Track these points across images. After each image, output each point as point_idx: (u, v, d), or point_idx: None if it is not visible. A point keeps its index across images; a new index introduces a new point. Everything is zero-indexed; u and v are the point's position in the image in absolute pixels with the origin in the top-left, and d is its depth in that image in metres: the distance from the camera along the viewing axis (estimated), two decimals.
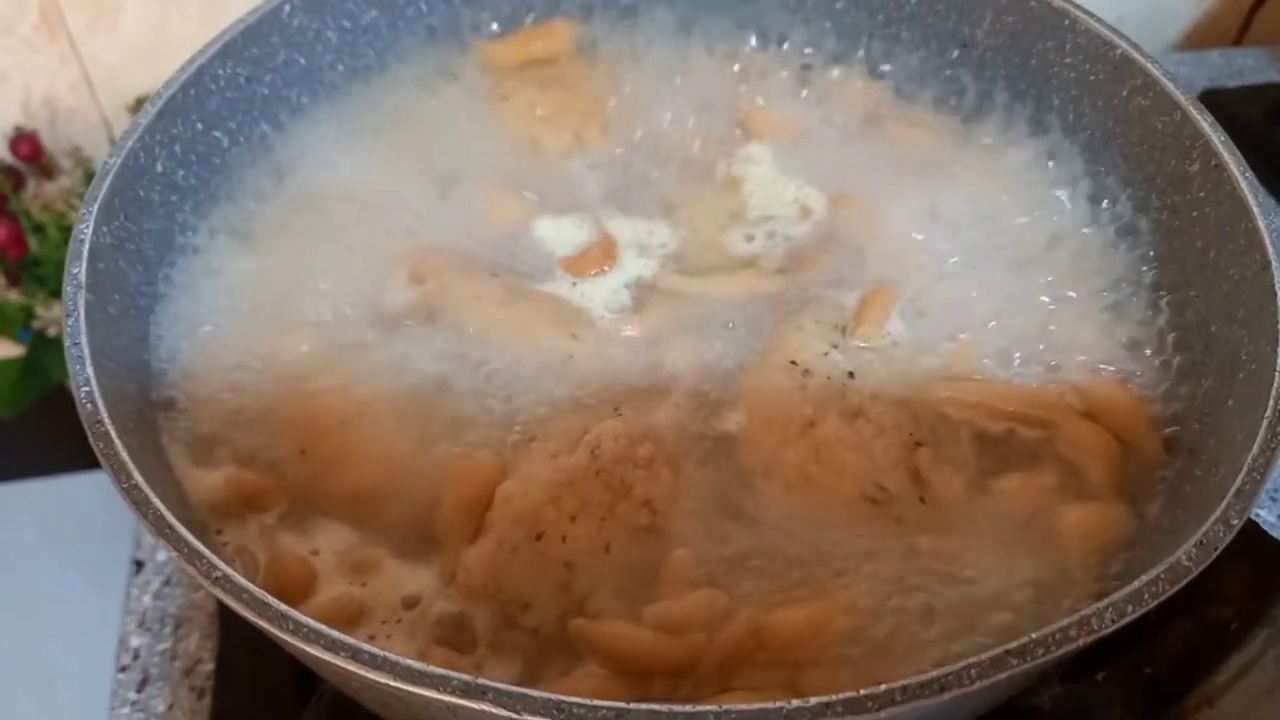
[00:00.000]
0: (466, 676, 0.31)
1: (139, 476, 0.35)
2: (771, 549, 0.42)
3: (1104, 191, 0.53)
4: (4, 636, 1.00)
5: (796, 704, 0.30)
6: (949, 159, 0.56)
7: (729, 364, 0.49)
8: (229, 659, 0.53)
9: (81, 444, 0.37)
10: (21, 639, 1.00)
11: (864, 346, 0.49)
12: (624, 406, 0.47)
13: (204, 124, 0.51)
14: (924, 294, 0.51)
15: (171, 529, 0.34)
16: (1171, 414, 0.46)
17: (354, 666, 0.31)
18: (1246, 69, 0.89)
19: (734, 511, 0.44)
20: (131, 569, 0.58)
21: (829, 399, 0.46)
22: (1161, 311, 0.49)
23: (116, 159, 0.46)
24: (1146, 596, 0.33)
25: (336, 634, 0.32)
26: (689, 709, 0.30)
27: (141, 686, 0.54)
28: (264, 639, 0.34)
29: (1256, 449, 0.37)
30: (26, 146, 0.83)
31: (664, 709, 0.30)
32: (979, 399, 0.46)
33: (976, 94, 0.57)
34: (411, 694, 0.31)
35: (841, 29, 0.59)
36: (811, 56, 0.59)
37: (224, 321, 0.49)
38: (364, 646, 0.31)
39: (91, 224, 0.43)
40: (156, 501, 0.35)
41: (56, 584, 1.01)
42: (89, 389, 0.38)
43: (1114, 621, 0.32)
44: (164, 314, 0.48)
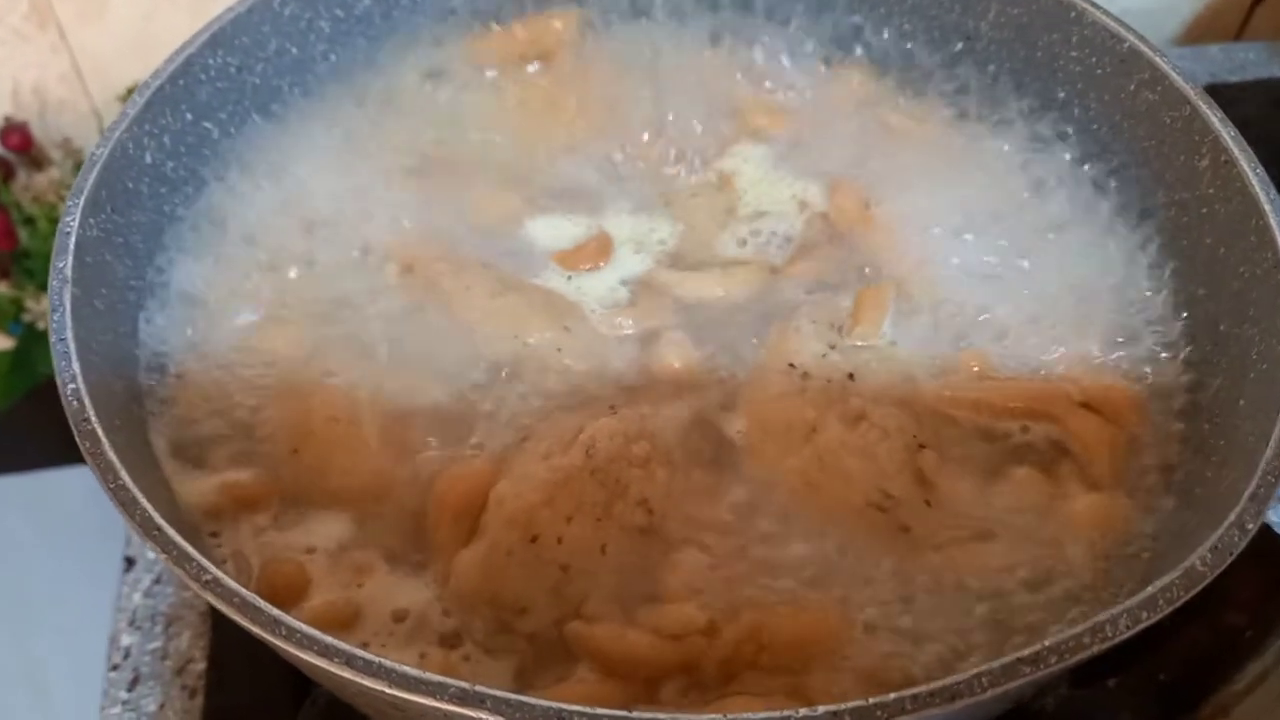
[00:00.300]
0: (464, 684, 0.30)
1: (126, 476, 0.35)
2: (777, 554, 0.42)
3: (1110, 187, 0.52)
4: None
5: (804, 712, 0.29)
6: (950, 154, 0.55)
7: (725, 361, 0.48)
8: (221, 658, 0.53)
9: (71, 439, 0.37)
10: (11, 634, 0.99)
11: (862, 346, 0.48)
12: (618, 404, 0.46)
13: (194, 115, 0.50)
14: (922, 291, 0.50)
15: (160, 531, 0.33)
16: (1180, 414, 0.45)
17: (349, 673, 0.30)
18: (1248, 64, 0.88)
19: (736, 515, 0.43)
20: (122, 565, 0.57)
21: (830, 403, 0.45)
22: (1169, 309, 0.48)
23: (104, 150, 0.45)
24: (1161, 602, 0.32)
25: (330, 640, 0.31)
26: (691, 717, 0.30)
27: (133, 685, 0.53)
28: (257, 638, 0.33)
29: (1270, 452, 0.36)
30: (16, 138, 0.82)
31: (666, 716, 0.30)
32: (980, 397, 0.46)
33: (980, 88, 0.56)
34: (408, 701, 0.30)
35: (842, 21, 0.58)
36: (811, 49, 0.58)
37: (213, 316, 0.48)
38: (359, 653, 0.31)
39: (78, 217, 0.42)
40: (144, 502, 0.34)
41: (46, 579, 1.01)
42: (75, 386, 0.37)
43: (1128, 628, 0.31)
44: (152, 309, 0.47)
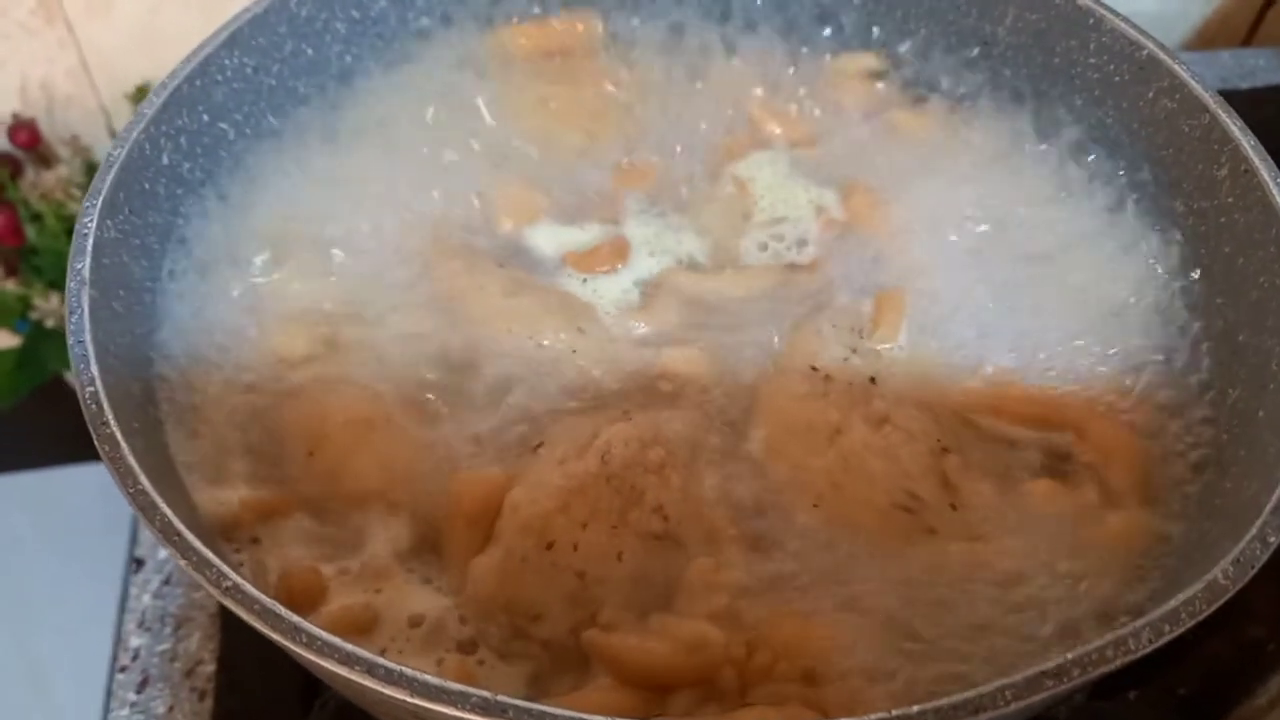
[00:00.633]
0: (485, 693, 0.30)
1: (145, 481, 0.34)
2: (796, 559, 0.42)
3: (1128, 195, 0.52)
4: None
5: None
6: (967, 160, 0.55)
7: (742, 365, 0.48)
8: (231, 660, 0.53)
9: (77, 436, 0.36)
10: (16, 632, 0.99)
11: (883, 350, 0.48)
12: (633, 409, 0.46)
13: (210, 115, 0.49)
14: (940, 296, 0.50)
15: (180, 536, 0.33)
16: (1198, 424, 0.45)
17: (370, 681, 0.30)
18: (1258, 70, 0.88)
19: (754, 520, 0.43)
20: (130, 566, 0.57)
21: (853, 405, 0.45)
22: (1186, 319, 0.48)
23: (121, 151, 0.44)
24: (1184, 616, 0.32)
25: (351, 648, 0.31)
26: None
27: (141, 687, 0.53)
28: (267, 640, 0.33)
29: None
30: (24, 134, 0.82)
31: None
32: (999, 404, 0.46)
33: (996, 94, 0.56)
34: (429, 710, 0.30)
35: (858, 26, 0.57)
36: (827, 55, 0.58)
37: (227, 319, 0.48)
38: (379, 661, 0.30)
39: (95, 218, 0.42)
40: (164, 507, 0.34)
41: (51, 577, 1.01)
42: (94, 389, 0.37)
43: (1151, 642, 0.31)
44: (168, 310, 0.47)
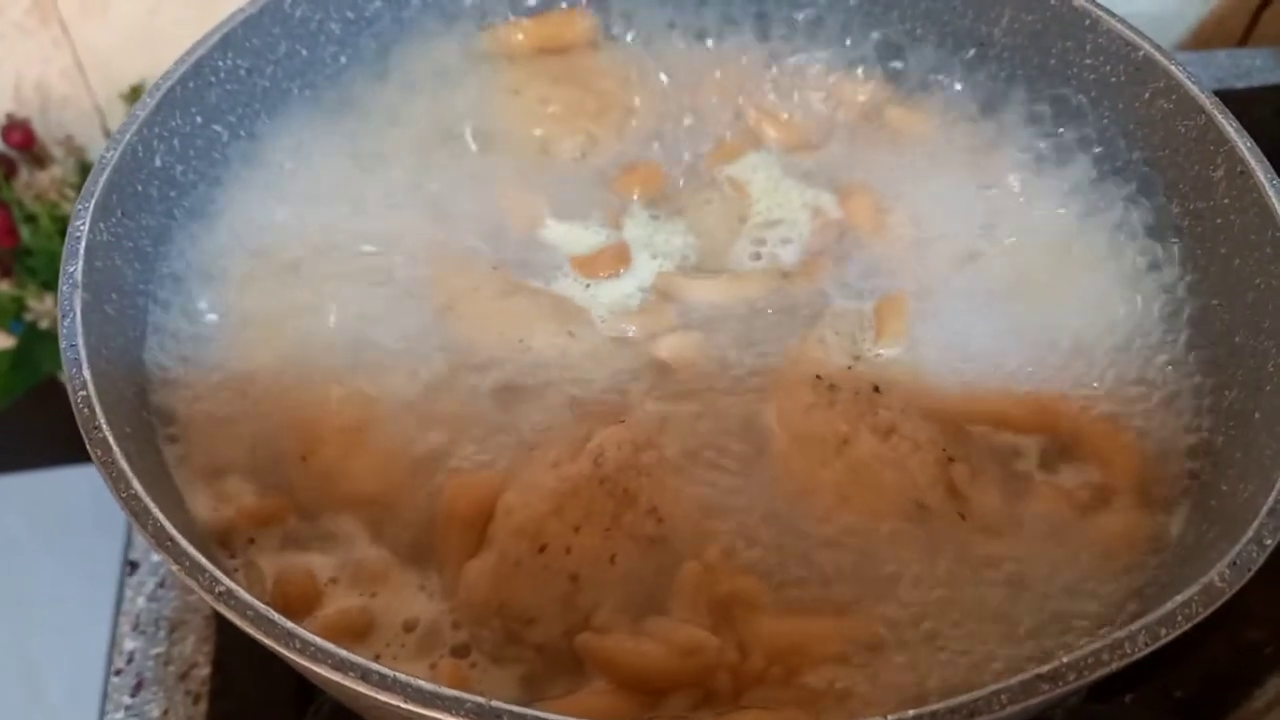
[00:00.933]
0: (479, 698, 0.30)
1: (138, 485, 0.34)
2: (795, 566, 0.41)
3: (1123, 197, 0.51)
4: None
5: None
6: (963, 162, 0.54)
7: (740, 370, 0.48)
8: (225, 663, 0.52)
9: (71, 437, 0.36)
10: (11, 634, 0.99)
11: (885, 358, 0.48)
12: (627, 411, 0.46)
13: (203, 117, 0.49)
14: (940, 302, 0.50)
15: (173, 541, 0.33)
16: (1194, 426, 0.45)
17: (363, 688, 0.30)
18: (1254, 70, 0.88)
19: (750, 524, 0.43)
20: (124, 568, 0.57)
21: (860, 415, 0.45)
22: (1183, 320, 0.48)
23: (114, 153, 0.44)
24: (1180, 619, 0.32)
25: (345, 653, 0.31)
26: None
27: (136, 691, 0.52)
28: (262, 644, 0.33)
29: None
30: (18, 135, 0.82)
31: None
32: (999, 410, 0.46)
33: (993, 95, 0.55)
34: (423, 716, 0.30)
35: (855, 27, 0.57)
36: (824, 56, 0.58)
37: (222, 321, 0.48)
38: (373, 666, 0.30)
39: (88, 220, 0.42)
40: (157, 512, 0.34)
41: (46, 578, 1.00)
42: (86, 393, 0.37)
43: (1147, 645, 0.31)
44: (161, 313, 0.47)
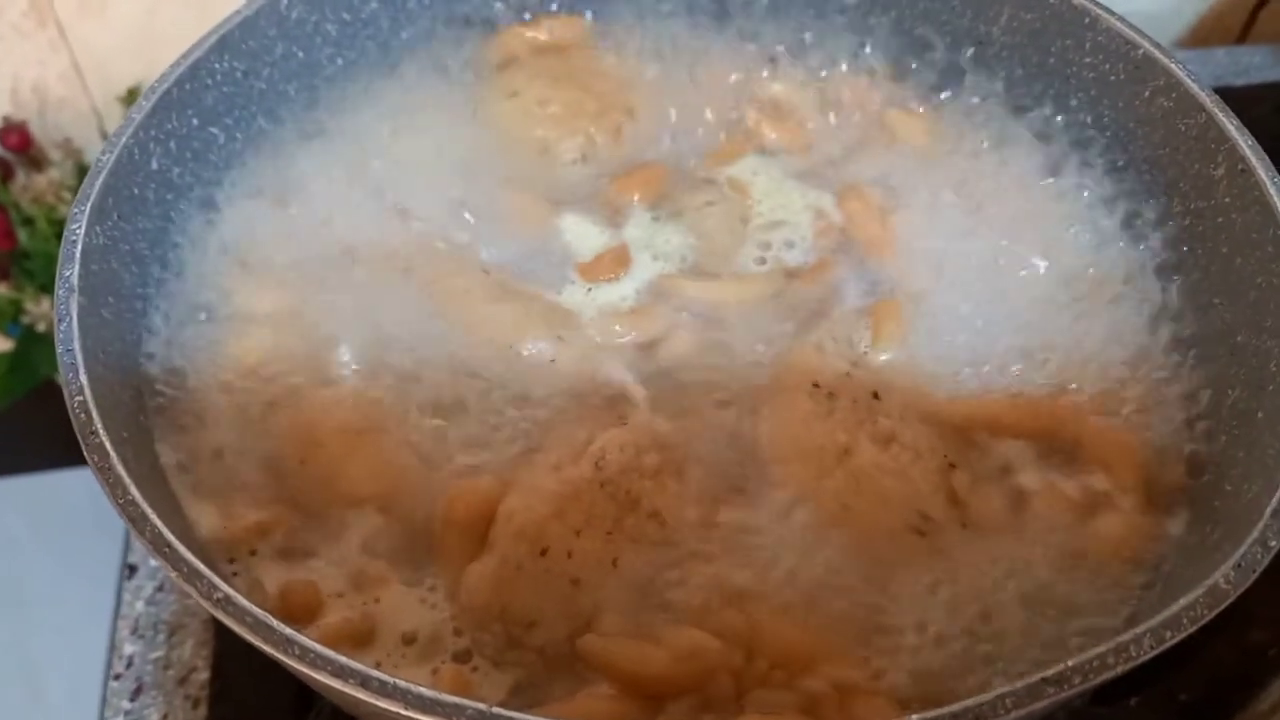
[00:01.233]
0: (481, 705, 0.30)
1: (135, 491, 0.34)
2: (797, 570, 0.41)
3: (1123, 196, 0.51)
4: None
5: None
6: (962, 163, 0.54)
7: (741, 373, 0.47)
8: (225, 668, 0.52)
9: (70, 439, 0.36)
10: (10, 637, 0.99)
11: (883, 363, 0.47)
12: (627, 414, 0.46)
13: (200, 120, 0.49)
14: (938, 305, 0.49)
15: (171, 548, 0.33)
16: (1197, 426, 0.44)
17: (364, 695, 0.30)
18: (1253, 67, 0.88)
19: (752, 529, 0.42)
20: (123, 571, 0.57)
21: (859, 423, 0.44)
22: (1184, 320, 0.47)
23: (110, 156, 0.44)
24: (1185, 621, 0.32)
25: (345, 660, 0.30)
26: None
27: (135, 695, 0.52)
28: None
29: None
30: (15, 137, 0.82)
31: None
32: (999, 414, 0.45)
33: (991, 94, 0.55)
34: None
35: (854, 26, 0.57)
36: (823, 56, 0.57)
37: (218, 325, 0.48)
38: (373, 673, 0.30)
39: (84, 224, 0.42)
40: (154, 518, 0.33)
41: (45, 581, 1.00)
42: (82, 398, 0.37)
43: (1152, 648, 0.31)
44: (158, 317, 0.47)
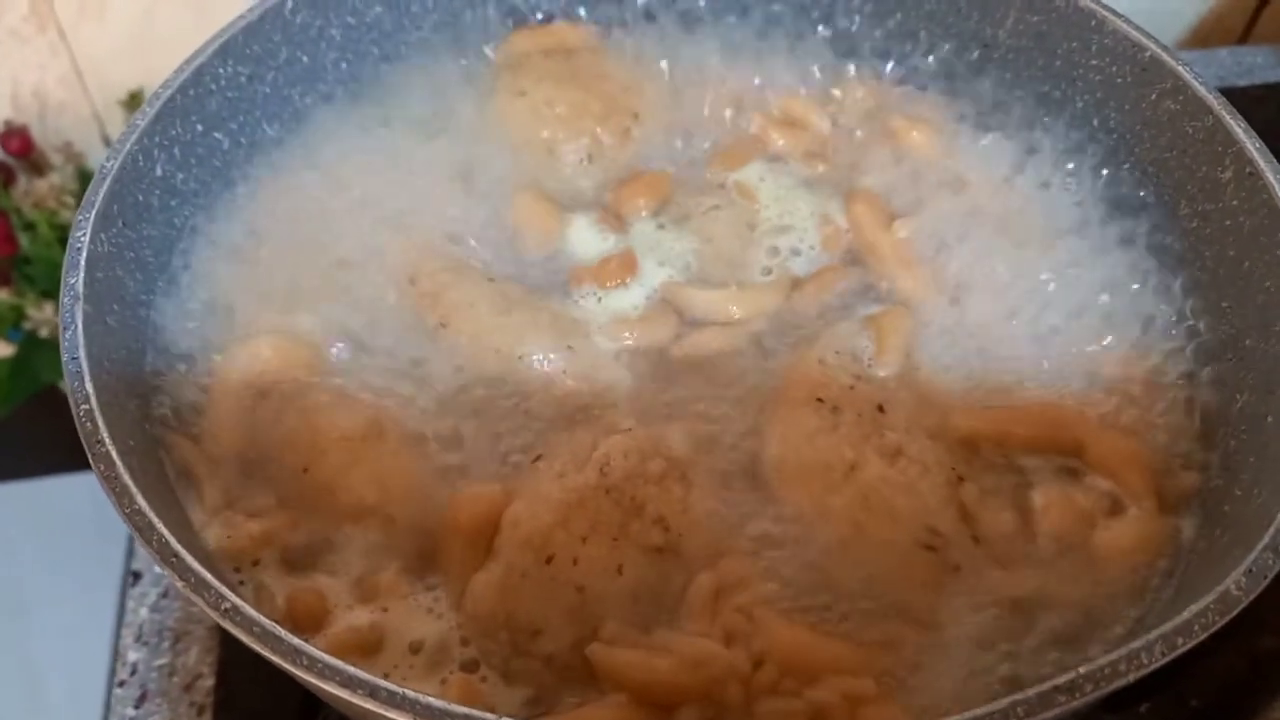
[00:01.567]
0: (489, 715, 0.30)
1: (142, 501, 0.34)
2: (805, 580, 0.41)
3: (1130, 199, 0.51)
4: None
5: None
6: (967, 166, 0.54)
7: (747, 380, 0.47)
8: (230, 675, 0.52)
9: (73, 444, 0.36)
10: (13, 644, 0.98)
11: (887, 375, 0.47)
12: (632, 422, 0.45)
13: (204, 125, 0.49)
14: (942, 313, 0.49)
15: (177, 557, 0.33)
16: (1205, 431, 0.44)
17: (372, 705, 0.30)
18: (1256, 67, 0.88)
19: (759, 539, 0.42)
20: (127, 579, 0.56)
21: (865, 438, 0.44)
22: (1192, 323, 0.47)
23: (114, 162, 0.44)
24: (1196, 628, 0.32)
25: (353, 670, 0.30)
26: None
27: (140, 702, 0.52)
28: None
29: None
30: (16, 142, 0.81)
31: None
32: (1006, 425, 0.45)
33: (998, 97, 0.55)
34: None
35: (859, 30, 0.57)
36: (826, 62, 0.57)
37: (223, 333, 0.48)
38: (381, 683, 0.30)
39: (89, 231, 0.42)
40: (161, 527, 0.33)
41: (48, 587, 1.00)
42: (88, 406, 0.37)
43: (1164, 655, 0.31)
44: (163, 325, 0.47)
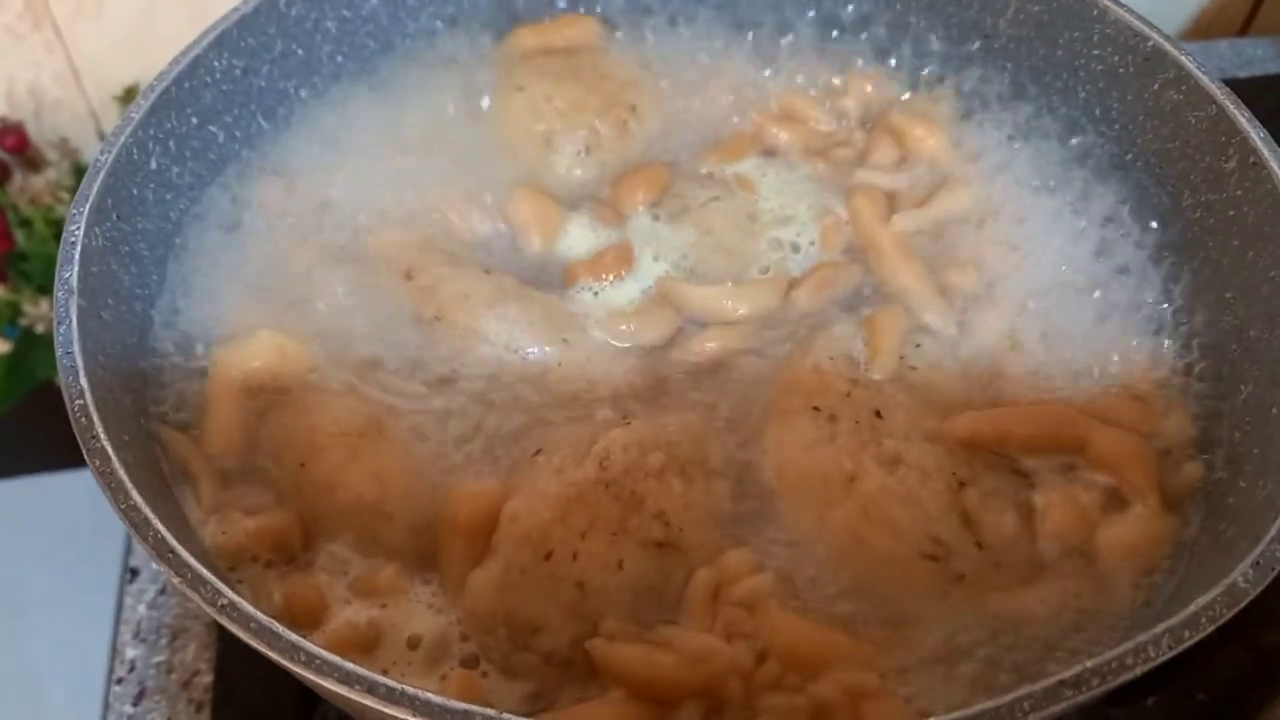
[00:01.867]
0: (490, 711, 0.29)
1: (138, 496, 0.34)
2: (805, 577, 0.41)
3: (1133, 189, 0.51)
4: None
5: None
6: (967, 159, 0.54)
7: (746, 375, 0.47)
8: (228, 671, 0.52)
9: (68, 441, 0.36)
10: (10, 642, 0.98)
11: (883, 379, 0.46)
12: (631, 416, 0.45)
13: (199, 118, 0.49)
14: (940, 310, 0.49)
15: (174, 553, 0.32)
16: (1209, 423, 0.44)
17: (370, 701, 0.29)
18: (1256, 60, 0.88)
19: (763, 534, 0.42)
20: (124, 574, 0.56)
21: (863, 447, 0.43)
22: (1196, 314, 0.47)
23: (108, 156, 0.44)
24: (1203, 621, 0.31)
25: (351, 666, 0.30)
26: None
27: (138, 699, 0.52)
28: None
29: None
30: (12, 138, 0.81)
31: None
32: (1006, 425, 0.44)
33: (998, 87, 0.55)
34: None
35: (858, 22, 0.57)
36: (827, 53, 0.57)
37: (219, 327, 0.47)
38: (380, 679, 0.30)
39: (83, 225, 0.41)
40: (157, 523, 0.33)
41: (45, 585, 1.00)
42: (83, 402, 0.36)
43: (1170, 648, 0.31)
44: (158, 319, 0.46)
